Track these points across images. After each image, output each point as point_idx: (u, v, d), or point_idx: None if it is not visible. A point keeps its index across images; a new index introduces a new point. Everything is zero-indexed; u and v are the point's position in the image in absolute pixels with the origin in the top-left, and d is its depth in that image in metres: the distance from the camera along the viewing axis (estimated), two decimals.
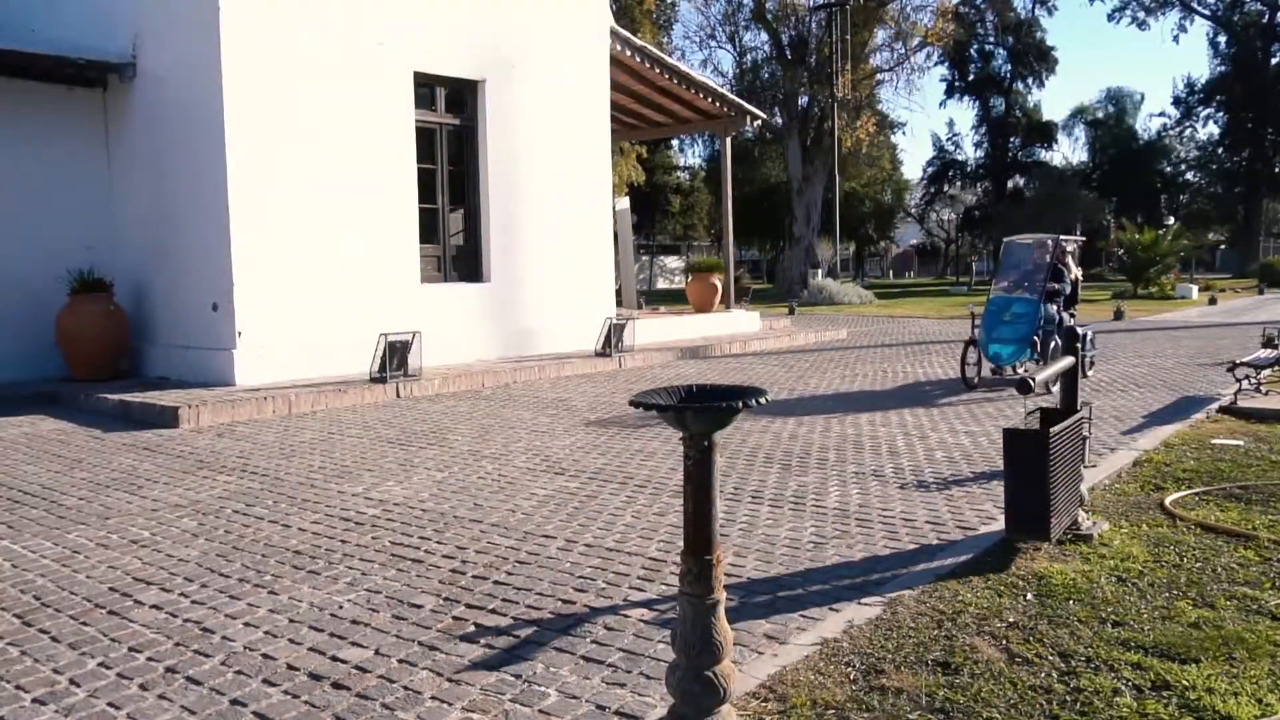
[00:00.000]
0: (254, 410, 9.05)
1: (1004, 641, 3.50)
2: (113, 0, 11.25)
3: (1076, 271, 10.90)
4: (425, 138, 12.03)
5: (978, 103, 55.71)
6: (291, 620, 3.88)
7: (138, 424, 8.78)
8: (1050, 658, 3.36)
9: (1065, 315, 10.50)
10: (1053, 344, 9.88)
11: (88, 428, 8.64)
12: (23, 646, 3.65)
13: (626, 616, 3.87)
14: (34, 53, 10.56)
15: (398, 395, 10.16)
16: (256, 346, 10.18)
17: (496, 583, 4.30)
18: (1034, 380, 4.60)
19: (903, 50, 38.64)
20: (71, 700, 3.20)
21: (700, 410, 2.61)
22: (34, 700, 3.20)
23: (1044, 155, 57.71)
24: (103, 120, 11.57)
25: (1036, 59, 53.15)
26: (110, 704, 3.17)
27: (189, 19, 10.25)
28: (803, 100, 39.43)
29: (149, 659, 3.52)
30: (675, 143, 48.85)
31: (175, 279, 10.84)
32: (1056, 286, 10.28)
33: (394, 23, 11.35)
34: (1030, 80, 54.63)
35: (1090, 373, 10.76)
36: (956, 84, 55.39)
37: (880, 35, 38.86)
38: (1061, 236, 10.76)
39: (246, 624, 3.85)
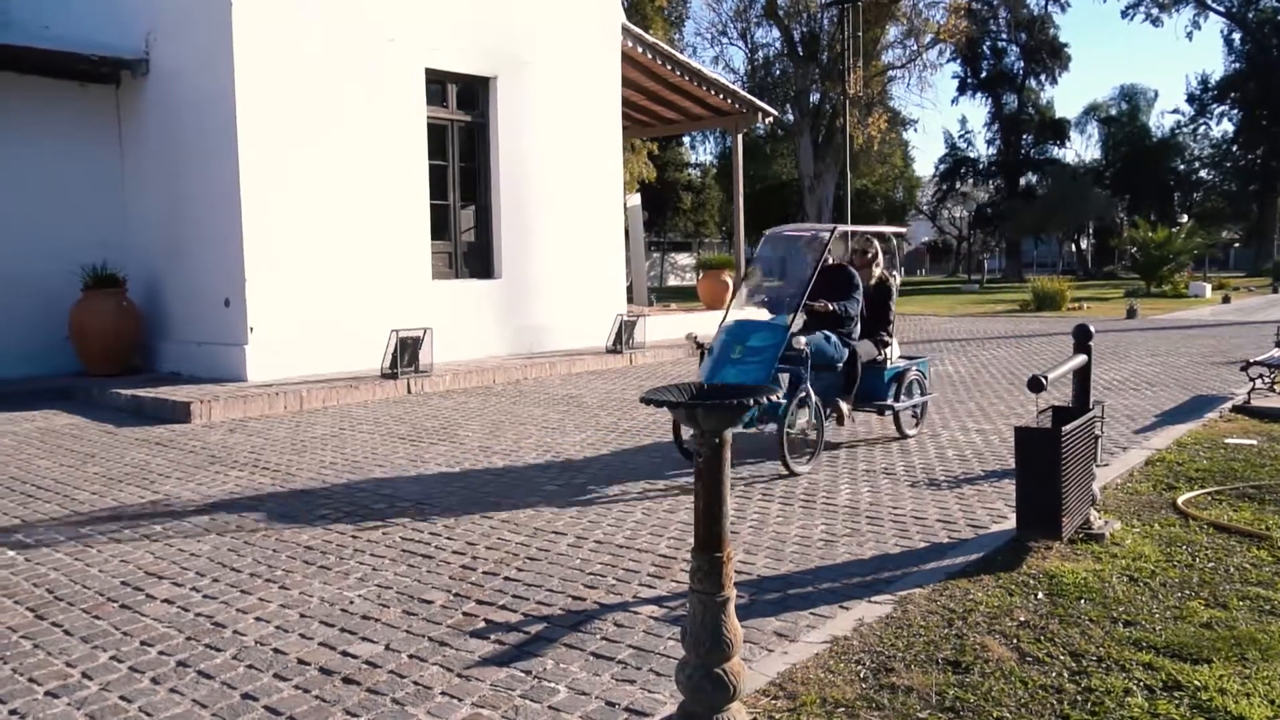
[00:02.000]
0: (266, 406, 9.08)
1: (1015, 640, 3.49)
2: (130, 1, 11.29)
3: (884, 276, 7.73)
4: (437, 134, 12.04)
5: (990, 99, 55.44)
6: (302, 615, 3.89)
7: (150, 419, 8.82)
8: (1061, 657, 3.35)
9: (870, 344, 7.31)
10: (802, 393, 6.39)
11: (100, 423, 8.68)
12: (36, 640, 3.67)
13: (636, 613, 3.87)
14: (47, 49, 10.61)
15: (409, 391, 10.18)
16: (268, 342, 10.21)
17: (506, 579, 4.30)
18: (1046, 379, 4.58)
19: (915, 47, 38.57)
20: (84, 694, 3.22)
21: (711, 407, 2.61)
22: (47, 693, 3.22)
23: (1057, 152, 57.45)
24: (116, 116, 11.62)
25: (1049, 56, 52.84)
26: (122, 697, 3.18)
27: (202, 15, 10.28)
28: (814, 97, 39.39)
29: (160, 653, 3.54)
30: (687, 139, 48.83)
31: (188, 275, 10.88)
32: (832, 306, 6.93)
33: (405, 19, 11.36)
34: (1043, 77, 54.33)
35: (913, 431, 7.61)
36: (969, 81, 55.13)
37: (893, 32, 38.80)
38: (842, 226, 7.76)
39: (258, 619, 3.86)
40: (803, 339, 6.50)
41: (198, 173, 10.59)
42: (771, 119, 19.19)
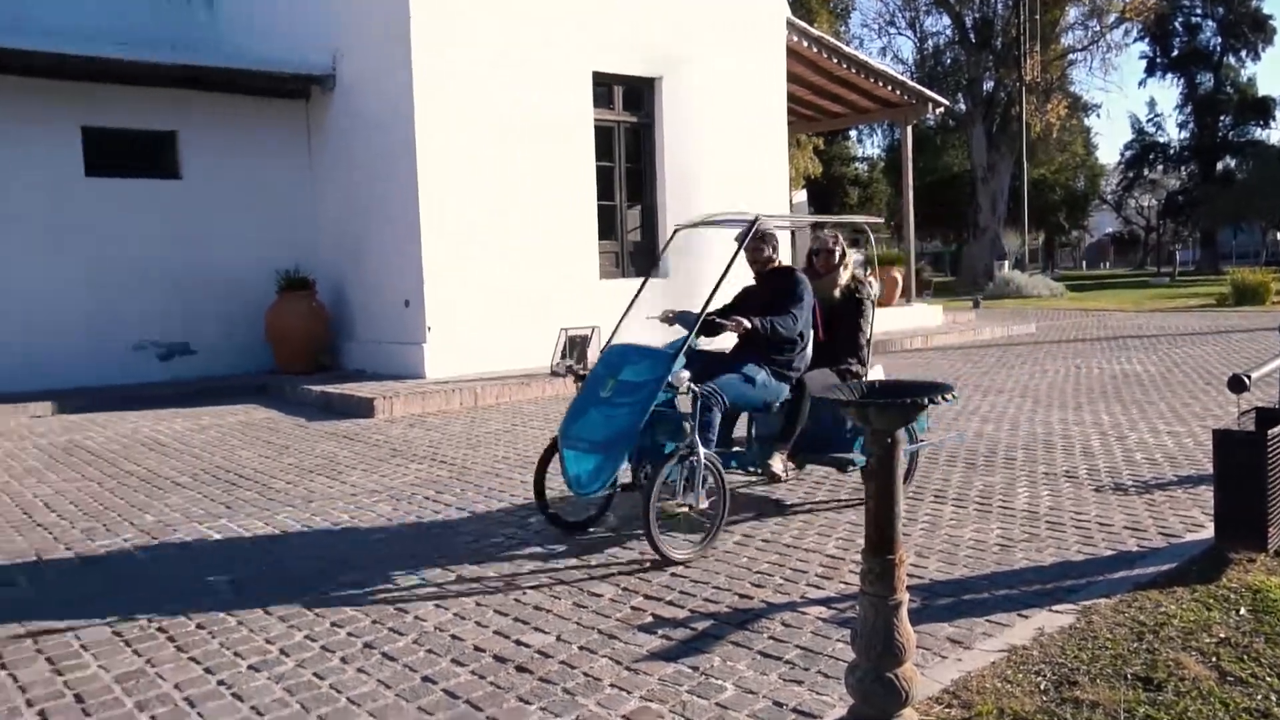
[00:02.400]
0: (442, 402, 9.47)
1: (1214, 659, 3.26)
2: (315, 17, 12.00)
3: (854, 283, 5.72)
4: (603, 136, 12.24)
5: (1182, 80, 51.86)
6: (478, 604, 4.04)
7: (338, 414, 9.35)
8: (1268, 679, 3.11)
9: (828, 375, 5.36)
10: (684, 449, 4.56)
11: (293, 416, 9.26)
12: (239, 617, 3.95)
13: (804, 614, 3.83)
14: (244, 68, 11.41)
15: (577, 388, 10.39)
16: (445, 341, 10.64)
17: (673, 575, 4.33)
18: (1248, 378, 4.26)
19: (1098, 27, 36.50)
20: (281, 669, 3.44)
21: (884, 406, 2.56)
22: (249, 667, 3.46)
23: (1259, 134, 53.08)
24: (305, 128, 12.36)
25: (1251, 29, 48.97)
26: (315, 674, 3.38)
27: (383, 31, 10.80)
28: (988, 85, 37.87)
29: (349, 634, 3.74)
30: (853, 133, 47.77)
31: (370, 277, 11.47)
32: (750, 325, 5.07)
33: (573, 23, 11.60)
34: (1243, 53, 50.39)
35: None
36: (1158, 61, 51.73)
37: (1073, 13, 36.84)
38: (767, 215, 5.38)
39: (436, 605, 4.03)
40: (685, 375, 4.65)
41: (379, 180, 11.15)
42: (942, 109, 18.64)
